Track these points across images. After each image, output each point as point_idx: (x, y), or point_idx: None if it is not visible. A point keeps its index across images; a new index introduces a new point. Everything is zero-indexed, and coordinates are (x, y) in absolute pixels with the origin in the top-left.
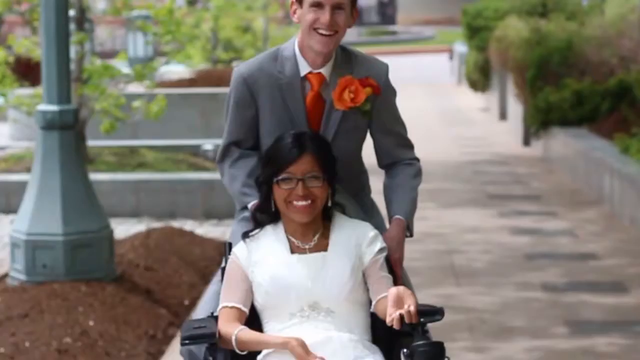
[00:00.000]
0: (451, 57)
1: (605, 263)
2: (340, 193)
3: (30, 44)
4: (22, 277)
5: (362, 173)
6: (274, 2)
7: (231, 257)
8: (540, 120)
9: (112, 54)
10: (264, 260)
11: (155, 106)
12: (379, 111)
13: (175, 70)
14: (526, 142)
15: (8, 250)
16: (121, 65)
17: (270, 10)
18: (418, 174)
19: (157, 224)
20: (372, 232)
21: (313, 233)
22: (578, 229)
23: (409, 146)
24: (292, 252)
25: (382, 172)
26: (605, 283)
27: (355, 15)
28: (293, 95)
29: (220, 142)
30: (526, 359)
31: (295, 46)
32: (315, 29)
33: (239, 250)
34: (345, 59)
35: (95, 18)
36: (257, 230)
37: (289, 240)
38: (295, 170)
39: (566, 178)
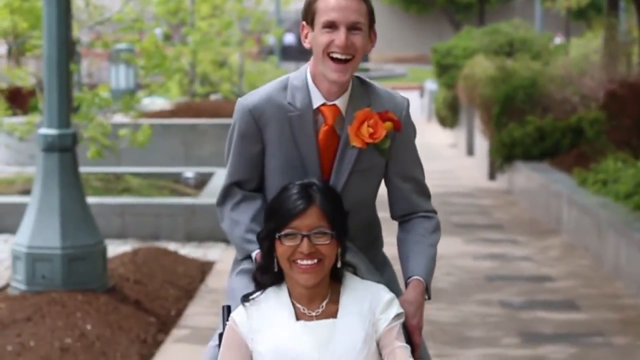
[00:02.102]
0: (422, 95)
1: (560, 285)
2: (351, 251)
3: (23, 73)
4: (23, 286)
5: (375, 223)
6: (249, 38)
7: (229, 324)
8: (505, 155)
9: (93, 86)
10: (266, 328)
11: (141, 135)
12: (398, 151)
13: (155, 102)
14: (491, 175)
15: (4, 265)
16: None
17: (246, 45)
18: (437, 229)
19: (142, 245)
20: (387, 295)
21: (321, 298)
22: (536, 255)
23: (427, 195)
24: (298, 318)
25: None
26: (558, 302)
27: (373, 39)
28: (304, 129)
29: (200, 170)
30: None
31: (308, 75)
32: (329, 54)
33: (238, 316)
34: (362, 91)
35: (82, 50)
36: (258, 293)
37: (293, 305)
38: (300, 225)
39: (528, 209)
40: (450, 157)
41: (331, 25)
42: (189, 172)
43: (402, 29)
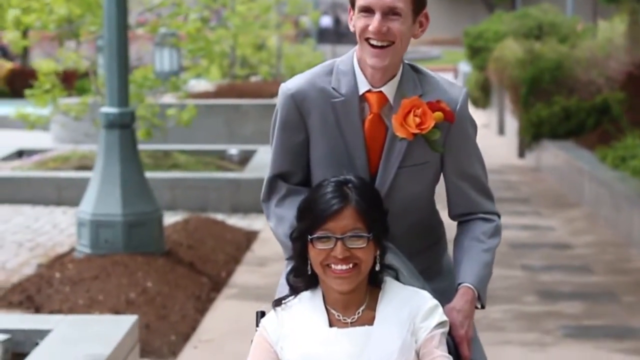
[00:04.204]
0: (456, 77)
1: (578, 252)
2: (392, 252)
3: (76, 57)
4: (88, 250)
5: (433, 225)
6: (287, 21)
7: (259, 330)
8: (533, 134)
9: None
10: (296, 335)
11: (186, 114)
12: (453, 145)
13: (199, 84)
14: (521, 153)
15: (65, 233)
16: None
17: (284, 28)
18: (496, 232)
19: (192, 215)
20: (430, 302)
21: (357, 305)
22: (558, 225)
23: (489, 196)
24: (331, 325)
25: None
26: (575, 266)
27: (425, 23)
28: (349, 117)
29: (243, 147)
30: (501, 318)
31: (354, 59)
32: (366, 39)
33: (268, 322)
34: (413, 79)
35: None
36: (291, 297)
37: (327, 311)
38: (333, 227)
39: (553, 184)
40: (482, 137)
41: (367, 10)
42: (233, 149)
43: (438, 11)
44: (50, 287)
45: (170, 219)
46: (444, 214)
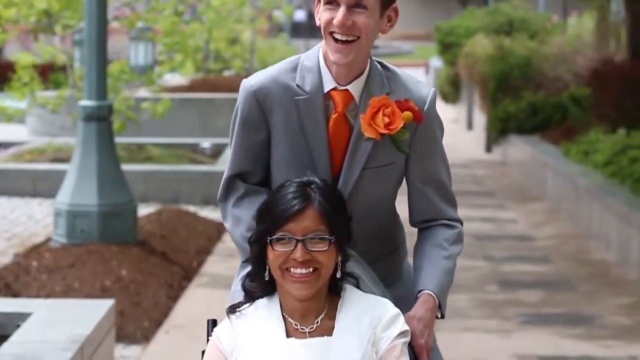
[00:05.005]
0: (427, 72)
1: (539, 243)
2: (354, 260)
3: (54, 50)
4: (64, 240)
5: (395, 230)
6: (261, 15)
7: (212, 340)
8: (500, 129)
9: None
10: (252, 345)
11: (161, 107)
12: (419, 147)
13: (172, 78)
14: (488, 148)
15: (41, 224)
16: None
17: (257, 23)
18: (459, 240)
19: (165, 207)
20: (391, 311)
21: (316, 313)
22: (521, 218)
23: (452, 202)
24: (288, 335)
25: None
26: (535, 257)
27: (393, 18)
28: (312, 116)
29: (215, 140)
30: (464, 306)
31: (320, 55)
32: (331, 33)
33: (222, 331)
34: (381, 76)
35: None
36: (246, 305)
37: (285, 319)
38: (294, 228)
39: (518, 178)
40: (451, 132)
41: (332, 2)
42: (206, 143)
43: (411, 6)
44: (28, 275)
45: (143, 210)
46: (403, 220)
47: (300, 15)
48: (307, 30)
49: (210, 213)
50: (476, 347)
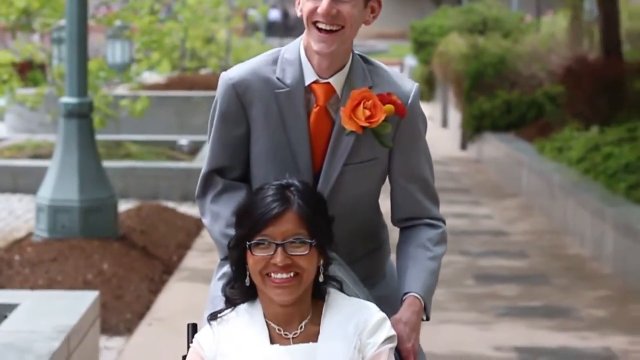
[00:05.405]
0: (402, 70)
1: (514, 238)
2: (336, 263)
3: (33, 48)
4: (45, 234)
5: (377, 229)
6: (236, 14)
7: (193, 346)
8: (474, 127)
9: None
10: (235, 353)
11: (139, 105)
12: (402, 143)
13: (149, 76)
14: (463, 146)
15: (22, 219)
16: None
17: (233, 22)
18: (442, 240)
19: (144, 203)
20: (376, 315)
21: (300, 318)
22: (496, 214)
23: (435, 201)
24: (272, 341)
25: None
26: (510, 252)
27: (377, 9)
28: (293, 110)
29: (193, 138)
30: (442, 300)
31: (301, 48)
32: (314, 23)
33: (204, 338)
34: (363, 69)
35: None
36: (227, 311)
37: (268, 326)
38: (273, 232)
39: (493, 175)
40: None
41: None
42: (183, 140)
43: (385, 5)
44: (11, 269)
45: (122, 206)
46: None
47: (274, 14)
48: (281, 29)
49: (189, 209)
50: (454, 339)
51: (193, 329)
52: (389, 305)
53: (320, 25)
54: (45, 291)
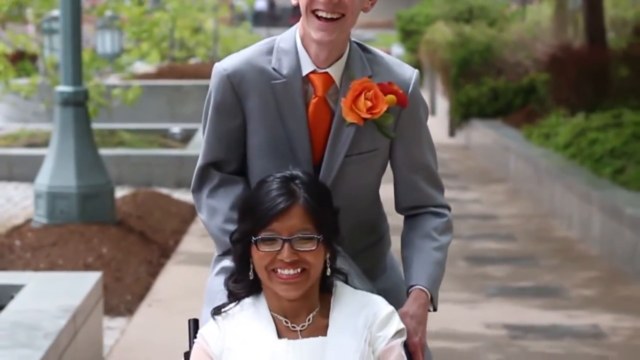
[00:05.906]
0: None
1: (502, 222)
2: (340, 256)
3: (25, 39)
4: (44, 220)
5: (378, 220)
6: (223, 4)
7: (197, 341)
8: (462, 114)
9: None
10: (242, 347)
11: (131, 94)
12: (404, 132)
13: (140, 65)
14: (451, 132)
15: (19, 207)
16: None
17: (220, 12)
18: (448, 229)
19: (139, 189)
20: (385, 309)
21: (307, 311)
22: (484, 198)
23: (440, 188)
24: (280, 335)
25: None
26: (499, 235)
27: None
28: (291, 101)
29: (184, 126)
30: None
31: (297, 37)
32: (313, 12)
33: (209, 333)
34: (362, 59)
35: None
36: (231, 305)
37: (274, 319)
38: (280, 227)
39: (482, 161)
40: None
41: None
42: (175, 128)
43: None
44: (12, 253)
45: (117, 193)
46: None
47: (261, 4)
48: (268, 19)
49: (183, 195)
50: (446, 317)
51: (194, 324)
52: (391, 297)
53: (321, 14)
54: (50, 272)
